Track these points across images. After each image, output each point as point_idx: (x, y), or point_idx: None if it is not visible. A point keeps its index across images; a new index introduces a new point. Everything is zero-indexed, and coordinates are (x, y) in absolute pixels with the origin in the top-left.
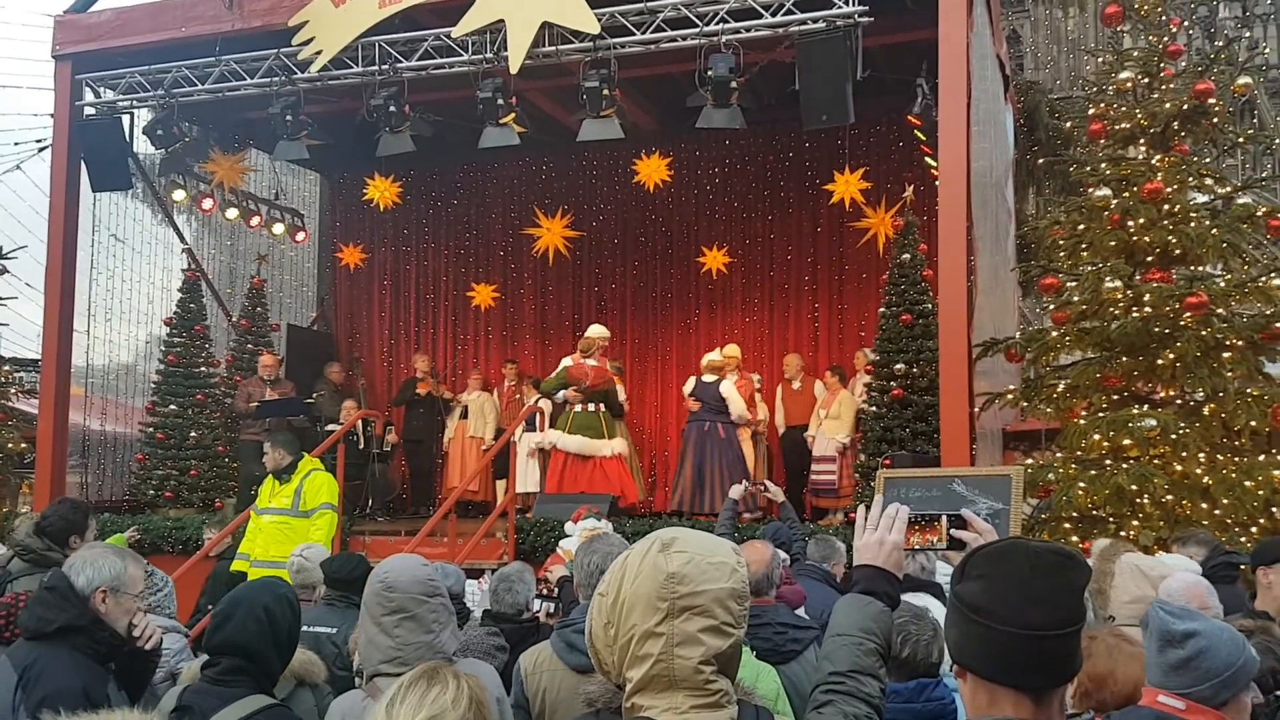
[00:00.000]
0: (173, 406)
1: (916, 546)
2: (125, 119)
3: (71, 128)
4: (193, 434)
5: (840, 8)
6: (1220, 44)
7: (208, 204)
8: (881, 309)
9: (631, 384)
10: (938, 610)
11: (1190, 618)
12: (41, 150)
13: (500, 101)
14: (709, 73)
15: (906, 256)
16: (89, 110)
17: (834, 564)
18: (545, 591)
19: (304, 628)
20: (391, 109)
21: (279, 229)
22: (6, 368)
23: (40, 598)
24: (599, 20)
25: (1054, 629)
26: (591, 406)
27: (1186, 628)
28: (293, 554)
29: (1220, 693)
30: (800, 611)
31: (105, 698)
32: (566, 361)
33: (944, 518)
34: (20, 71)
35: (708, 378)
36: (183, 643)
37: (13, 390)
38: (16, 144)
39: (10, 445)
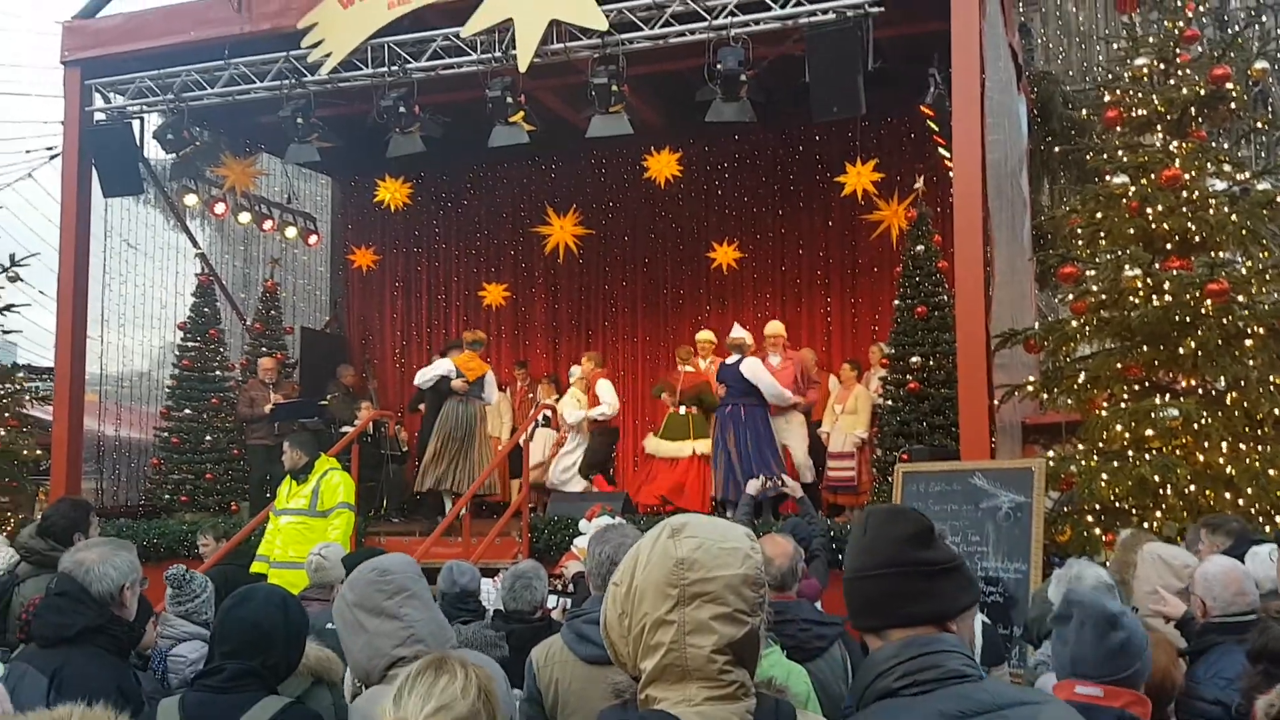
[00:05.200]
0: (187, 411)
1: None
2: (135, 124)
3: (82, 134)
4: (208, 438)
5: None
6: (1234, 30)
7: (220, 208)
8: (896, 301)
9: (642, 381)
10: None
11: (1112, 599)
12: (53, 157)
13: (509, 100)
14: (718, 66)
15: (920, 248)
16: (99, 116)
17: None
18: (559, 587)
19: (326, 625)
20: (401, 110)
21: (291, 232)
22: (20, 375)
23: (53, 604)
24: (607, 16)
25: (864, 571)
26: (683, 410)
27: (1120, 610)
28: (311, 553)
29: (1146, 669)
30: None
31: (136, 690)
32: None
33: None
34: (29, 79)
35: (731, 359)
36: (202, 650)
37: (27, 397)
38: (28, 151)
39: (25, 452)
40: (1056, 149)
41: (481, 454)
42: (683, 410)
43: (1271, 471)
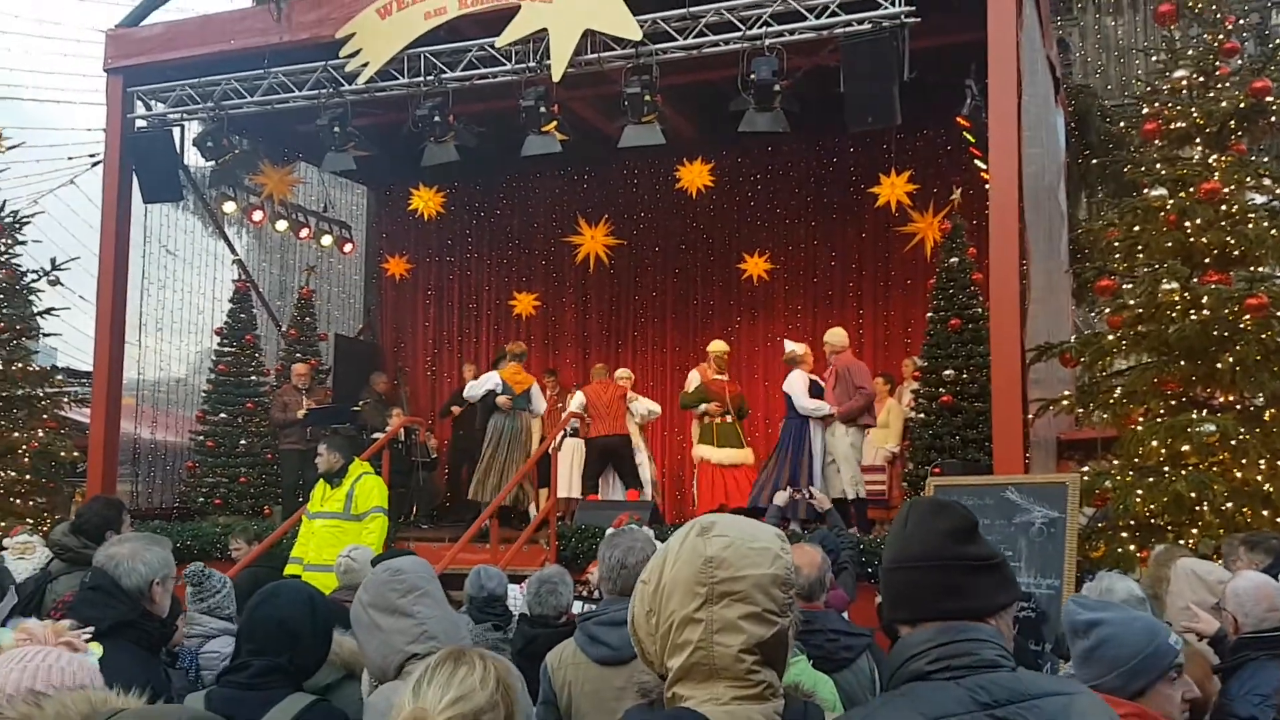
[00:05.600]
0: (222, 415)
1: None
2: (176, 131)
3: (123, 141)
4: (242, 442)
5: (886, 9)
6: (1275, 44)
7: (258, 216)
8: (929, 314)
9: (672, 391)
10: None
11: (1099, 609)
12: (95, 164)
13: (543, 110)
14: (752, 76)
15: (955, 260)
16: (140, 123)
17: None
18: (585, 594)
19: None
20: (436, 119)
21: (327, 240)
22: (60, 378)
23: (86, 598)
24: (641, 27)
25: (903, 562)
26: (729, 418)
27: (1090, 617)
28: (340, 555)
29: (1130, 682)
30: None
31: (165, 686)
32: (694, 376)
33: None
34: (73, 86)
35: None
36: (233, 645)
37: (66, 400)
38: (70, 158)
39: (63, 454)
40: (1094, 162)
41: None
42: (729, 419)
43: None
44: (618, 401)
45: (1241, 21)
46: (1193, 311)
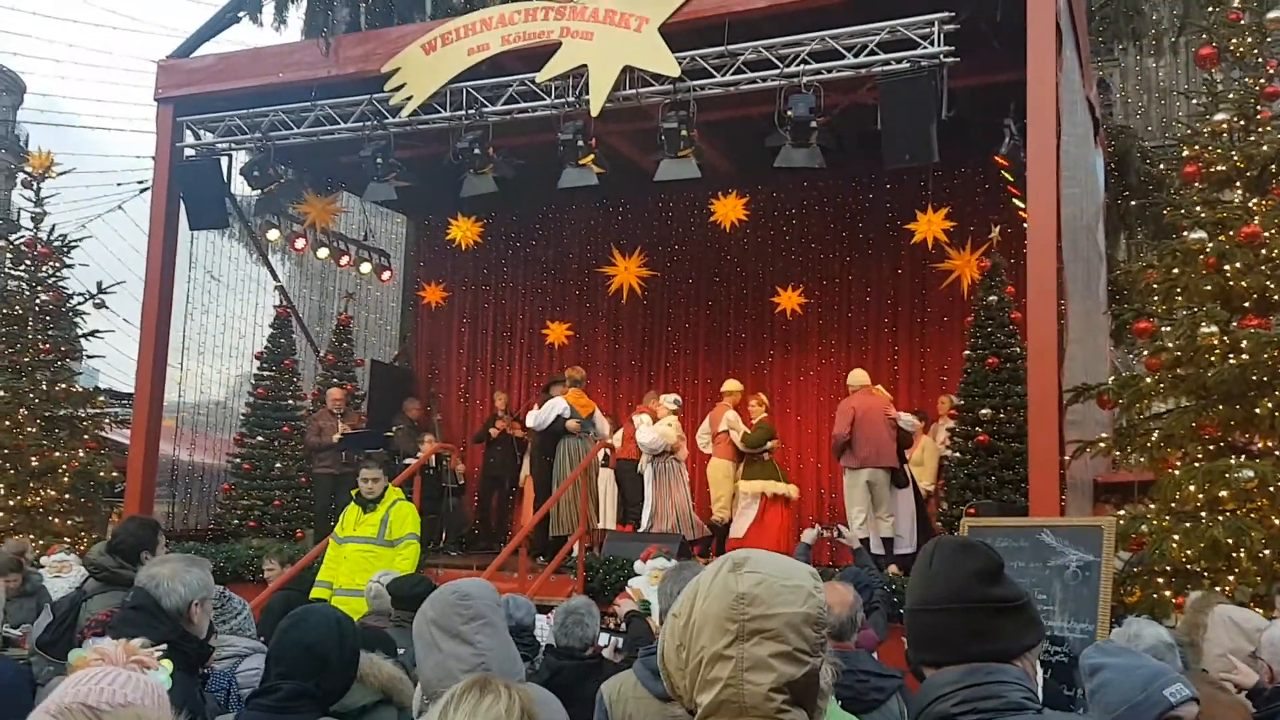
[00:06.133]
0: (259, 438)
1: None
2: (223, 160)
3: (171, 168)
4: (277, 465)
5: (925, 49)
6: None
7: (300, 243)
8: (966, 352)
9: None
10: None
11: (1110, 654)
12: (143, 191)
13: (580, 143)
14: (788, 112)
15: (993, 298)
16: (189, 152)
17: None
18: (612, 625)
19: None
20: (476, 151)
21: (366, 268)
22: (101, 399)
23: (128, 618)
24: (680, 63)
25: (932, 605)
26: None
27: (1095, 661)
28: (370, 580)
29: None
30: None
31: (201, 708)
32: (733, 416)
33: None
34: (124, 115)
35: None
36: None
37: (107, 421)
38: (119, 184)
39: (102, 474)
40: (1133, 203)
41: (595, 489)
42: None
43: None
44: (628, 424)
45: None
46: (1231, 355)
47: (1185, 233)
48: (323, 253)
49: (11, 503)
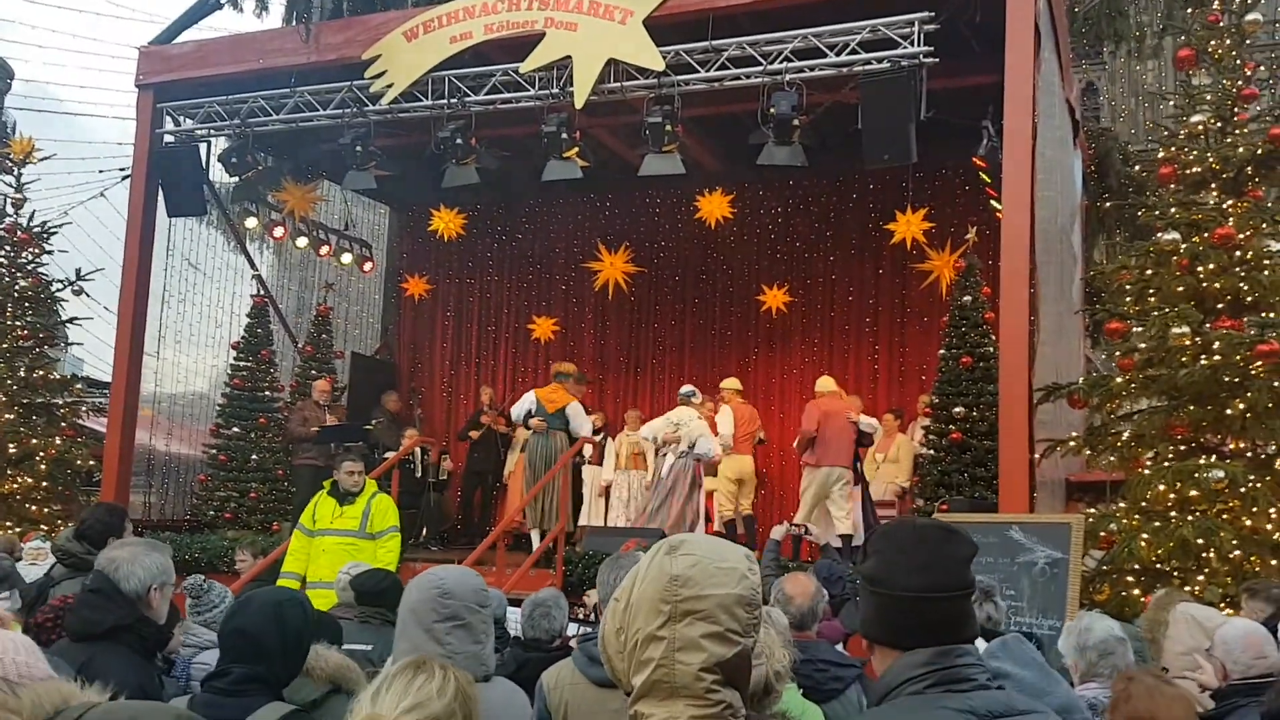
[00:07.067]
0: (236, 429)
1: None
2: (202, 147)
3: (151, 155)
4: (254, 457)
5: (905, 49)
6: None
7: (279, 232)
8: (942, 351)
9: None
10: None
11: (1021, 664)
12: (125, 178)
13: (564, 136)
14: (771, 110)
15: (968, 299)
16: (168, 138)
17: None
18: (582, 616)
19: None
20: (458, 141)
21: (347, 258)
22: (79, 387)
23: (86, 600)
24: (664, 58)
25: (932, 592)
26: None
27: (996, 667)
28: (340, 572)
29: None
30: (839, 648)
31: (158, 691)
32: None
33: None
34: (106, 101)
35: None
36: None
37: (84, 409)
38: (101, 171)
39: (79, 462)
40: (1110, 205)
41: (560, 486)
42: None
43: None
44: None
45: (1261, 68)
46: (1203, 356)
47: (1159, 234)
48: (302, 242)
49: None
